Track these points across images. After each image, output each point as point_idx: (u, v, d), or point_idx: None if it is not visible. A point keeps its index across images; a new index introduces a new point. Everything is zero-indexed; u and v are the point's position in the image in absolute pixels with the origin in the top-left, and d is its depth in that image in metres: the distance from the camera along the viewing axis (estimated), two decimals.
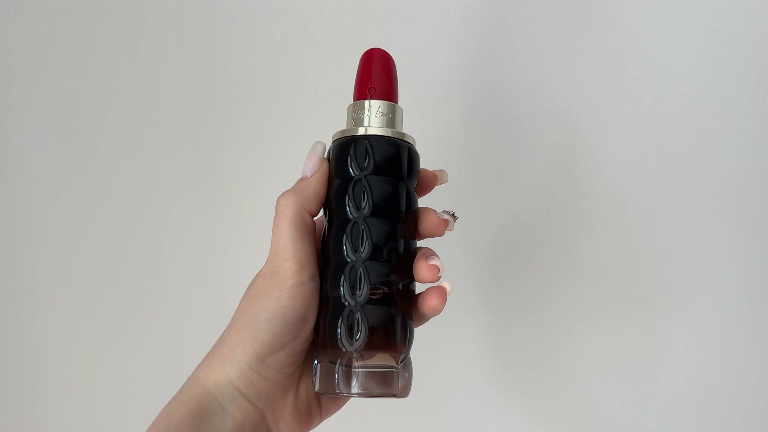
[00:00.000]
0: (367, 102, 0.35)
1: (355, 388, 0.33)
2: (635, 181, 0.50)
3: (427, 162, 0.40)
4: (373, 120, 0.35)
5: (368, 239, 0.33)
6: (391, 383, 0.34)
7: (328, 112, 0.54)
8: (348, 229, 0.34)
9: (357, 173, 0.34)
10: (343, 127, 0.36)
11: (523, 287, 0.53)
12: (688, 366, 0.50)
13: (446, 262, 0.39)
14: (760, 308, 0.48)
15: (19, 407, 0.64)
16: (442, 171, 0.38)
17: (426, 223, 0.36)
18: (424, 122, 0.52)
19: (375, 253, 0.33)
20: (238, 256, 0.58)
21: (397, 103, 0.36)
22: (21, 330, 0.63)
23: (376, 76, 0.36)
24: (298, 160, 0.54)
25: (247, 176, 0.58)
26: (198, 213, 0.59)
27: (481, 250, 0.54)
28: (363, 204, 0.34)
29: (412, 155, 0.35)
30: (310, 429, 0.36)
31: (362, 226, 0.33)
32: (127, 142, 0.60)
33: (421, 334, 0.39)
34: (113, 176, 0.61)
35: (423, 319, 0.37)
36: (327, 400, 0.37)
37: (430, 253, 0.35)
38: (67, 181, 0.62)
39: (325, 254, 0.35)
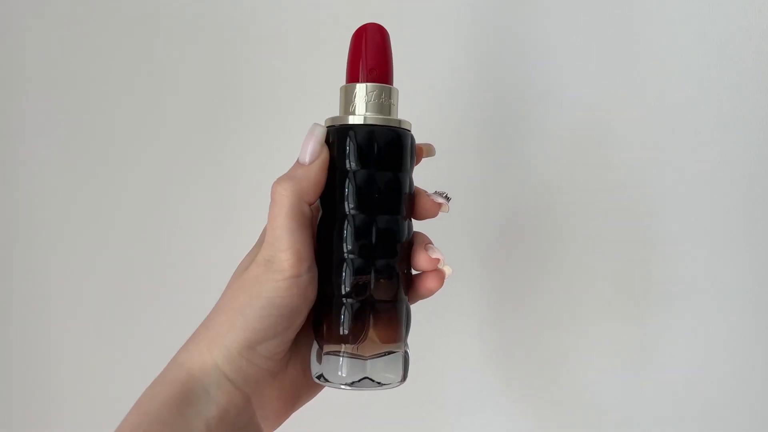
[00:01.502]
0: (365, 86, 0.34)
1: (359, 376, 0.32)
2: (640, 179, 0.50)
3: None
4: (372, 106, 0.34)
5: (373, 235, 0.33)
6: (395, 370, 0.34)
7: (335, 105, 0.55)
8: (352, 224, 0.33)
9: (360, 166, 0.33)
10: (338, 109, 0.35)
11: (525, 282, 0.53)
12: (690, 362, 0.50)
13: (446, 255, 0.39)
14: (763, 305, 0.48)
15: (30, 403, 0.65)
16: (429, 145, 0.37)
17: (419, 206, 0.35)
18: (430, 115, 0.52)
19: (380, 248, 0.33)
20: (241, 253, 0.57)
21: (393, 84, 0.35)
22: (30, 327, 0.64)
23: (374, 56, 0.34)
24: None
25: (255, 175, 0.58)
26: (205, 209, 0.59)
27: (481, 245, 0.53)
28: (367, 199, 0.33)
29: (412, 143, 0.35)
30: (295, 410, 0.36)
31: (367, 222, 0.33)
32: (134, 139, 0.61)
33: (422, 330, 0.38)
34: (121, 174, 0.61)
35: (416, 299, 0.36)
36: (313, 383, 0.36)
37: (428, 242, 0.35)
38: (76, 180, 0.62)
39: (326, 246, 0.34)
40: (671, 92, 0.49)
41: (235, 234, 0.58)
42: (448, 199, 0.36)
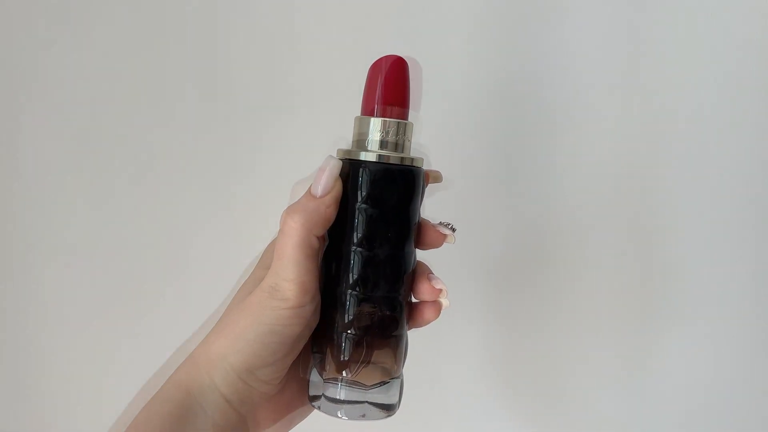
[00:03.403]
0: (381, 121, 0.33)
1: (356, 405, 0.33)
2: (646, 192, 0.50)
3: (433, 164, 0.39)
4: (387, 143, 0.34)
5: (379, 269, 0.33)
6: (391, 398, 0.35)
7: (339, 111, 0.54)
8: (358, 257, 0.33)
9: (370, 203, 0.33)
10: (351, 138, 0.35)
11: (528, 296, 0.53)
12: (695, 378, 0.50)
13: (450, 268, 0.39)
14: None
15: (29, 404, 0.65)
16: (437, 172, 0.37)
17: (425, 237, 0.36)
18: (432, 125, 0.51)
19: (385, 283, 0.33)
20: (240, 256, 0.56)
21: (408, 118, 0.35)
22: (29, 329, 0.64)
23: (393, 90, 0.34)
24: (305, 159, 0.51)
25: (255, 177, 0.58)
26: (209, 213, 0.59)
27: (485, 257, 0.53)
28: (375, 235, 0.33)
29: (423, 180, 0.35)
30: (289, 431, 0.37)
31: (374, 256, 0.33)
32: (134, 144, 0.60)
33: (426, 343, 0.39)
34: (123, 177, 0.61)
35: (412, 327, 0.37)
36: (308, 406, 0.37)
37: (429, 272, 0.36)
38: (76, 181, 0.62)
39: (331, 276, 0.34)
40: (680, 100, 0.49)
41: (238, 240, 0.58)
42: (453, 230, 0.36)
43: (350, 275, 0.33)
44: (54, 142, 0.62)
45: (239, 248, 0.57)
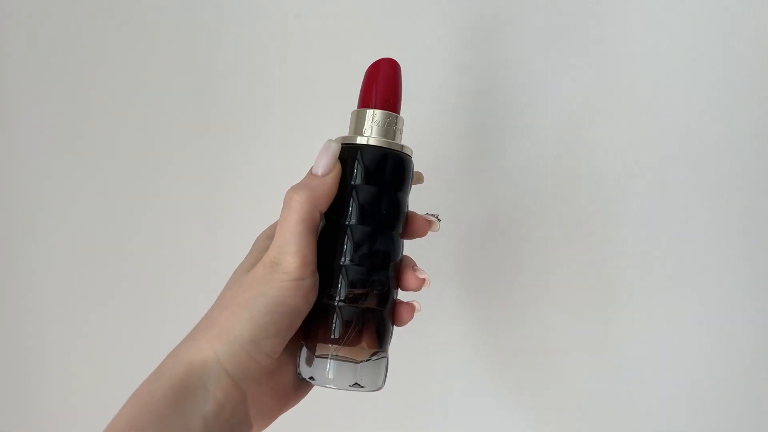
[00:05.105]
0: (371, 111, 0.37)
1: (330, 377, 0.35)
2: (628, 182, 0.50)
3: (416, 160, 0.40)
4: (377, 130, 0.36)
5: (371, 247, 0.35)
6: (379, 374, 0.37)
7: (327, 112, 0.54)
8: (348, 233, 0.35)
9: (361, 181, 0.36)
10: (348, 131, 0.38)
11: (511, 282, 0.53)
12: (678, 359, 0.50)
13: (433, 256, 0.40)
14: (751, 302, 0.48)
15: (19, 404, 0.65)
16: (418, 172, 0.40)
17: (411, 225, 0.38)
18: (415, 120, 0.50)
19: (376, 261, 0.36)
20: (236, 254, 0.58)
21: (400, 114, 0.38)
22: (19, 327, 0.64)
23: (385, 87, 0.37)
24: (296, 159, 0.51)
25: (248, 176, 0.59)
26: (197, 211, 0.60)
27: (468, 245, 0.54)
28: (365, 212, 0.36)
29: (411, 168, 0.38)
30: (285, 411, 0.37)
31: (362, 234, 0.35)
32: (125, 141, 0.61)
33: (410, 328, 0.40)
34: (113, 173, 0.61)
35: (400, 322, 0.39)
36: (304, 385, 0.38)
37: (414, 264, 0.38)
38: (67, 177, 0.62)
39: (323, 252, 0.36)
40: (664, 93, 0.48)
41: (237, 239, 0.56)
42: (439, 219, 0.38)
43: (344, 251, 0.36)
44: (53, 143, 0.62)
45: (238, 248, 0.58)
